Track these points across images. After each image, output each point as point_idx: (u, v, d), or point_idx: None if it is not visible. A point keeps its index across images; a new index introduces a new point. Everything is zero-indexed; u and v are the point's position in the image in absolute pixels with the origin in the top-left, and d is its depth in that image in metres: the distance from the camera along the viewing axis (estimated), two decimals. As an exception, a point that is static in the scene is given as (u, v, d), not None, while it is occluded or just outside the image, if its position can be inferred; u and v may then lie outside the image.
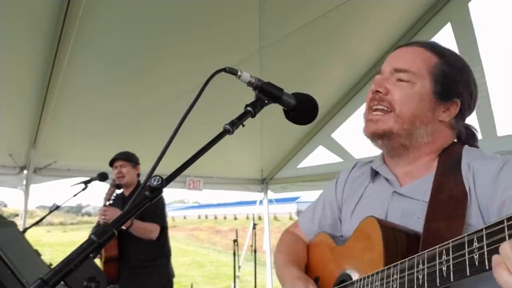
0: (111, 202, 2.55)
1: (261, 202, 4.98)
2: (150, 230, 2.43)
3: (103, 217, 2.35)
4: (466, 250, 0.53)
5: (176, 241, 20.23)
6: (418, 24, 2.86)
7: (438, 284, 0.56)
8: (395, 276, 0.65)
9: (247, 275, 7.08)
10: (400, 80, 0.83)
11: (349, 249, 0.85)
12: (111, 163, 2.67)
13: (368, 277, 0.72)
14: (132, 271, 2.46)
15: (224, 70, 0.74)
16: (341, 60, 3.23)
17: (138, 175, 2.69)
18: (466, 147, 0.84)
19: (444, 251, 0.56)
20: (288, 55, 2.92)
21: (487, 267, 0.49)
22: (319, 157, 4.10)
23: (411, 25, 2.90)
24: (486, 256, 0.49)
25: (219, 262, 13.71)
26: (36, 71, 2.41)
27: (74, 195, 2.26)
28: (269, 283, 4.89)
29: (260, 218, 5.94)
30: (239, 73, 0.76)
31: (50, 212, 2.32)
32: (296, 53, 2.92)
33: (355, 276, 0.79)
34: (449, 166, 0.79)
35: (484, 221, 0.70)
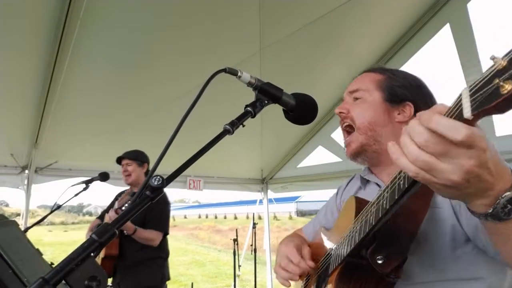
0: (123, 208, 2.57)
1: (261, 201, 4.98)
2: (152, 239, 2.45)
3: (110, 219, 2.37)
4: (396, 180, 0.60)
5: (177, 240, 20.26)
6: (417, 25, 2.86)
7: (380, 216, 0.64)
8: (356, 227, 0.75)
9: (247, 274, 7.10)
10: (355, 98, 0.99)
11: (333, 229, 0.99)
12: (118, 162, 2.69)
13: (341, 240, 0.82)
14: (127, 268, 2.48)
15: (224, 70, 0.75)
16: (341, 60, 3.23)
17: (147, 173, 2.69)
18: None
19: (384, 189, 0.65)
20: (288, 56, 2.92)
21: (407, 185, 0.56)
22: (318, 157, 4.11)
23: (410, 26, 2.90)
24: (406, 178, 0.56)
25: (219, 261, 13.72)
26: (37, 71, 2.42)
27: (75, 195, 2.26)
28: (269, 282, 4.89)
29: (260, 218, 5.95)
30: (239, 74, 0.76)
31: (52, 211, 2.33)
32: (296, 54, 2.92)
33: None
34: None
35: (454, 210, 0.77)
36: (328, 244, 0.96)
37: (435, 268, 0.77)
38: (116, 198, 2.82)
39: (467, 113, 0.42)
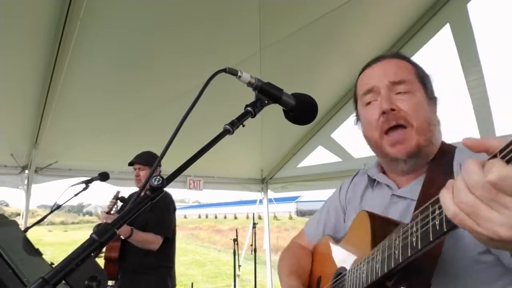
0: (112, 212, 2.56)
1: (261, 201, 4.98)
2: (151, 242, 2.35)
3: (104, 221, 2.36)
4: (430, 217, 0.53)
5: (177, 240, 20.15)
6: (417, 25, 2.86)
7: (409, 255, 0.57)
8: (378, 256, 0.67)
9: (247, 274, 7.09)
10: (399, 93, 0.84)
11: (345, 245, 0.90)
12: (130, 165, 2.66)
13: (358, 264, 0.75)
14: (130, 275, 2.42)
15: (224, 70, 0.75)
16: (341, 61, 3.23)
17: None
18: (459, 147, 0.84)
19: (414, 223, 0.57)
20: (288, 56, 2.92)
21: (445, 229, 0.48)
22: (318, 157, 4.11)
23: (410, 25, 2.90)
24: (444, 219, 0.48)
25: (219, 261, 13.72)
26: (37, 71, 2.42)
27: (75, 195, 2.26)
28: (269, 282, 4.89)
29: (260, 218, 5.95)
30: (239, 74, 0.76)
31: (52, 211, 2.32)
32: (296, 54, 2.92)
33: (349, 267, 0.82)
34: (441, 166, 0.81)
35: None
36: (339, 261, 0.89)
37: (457, 284, 0.72)
38: (127, 200, 2.77)
39: None
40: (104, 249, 2.38)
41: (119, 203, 2.66)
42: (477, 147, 0.44)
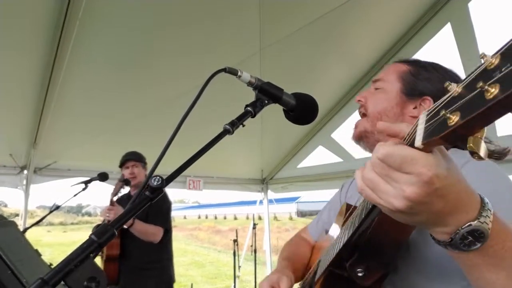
0: (118, 197, 2.53)
1: (261, 202, 4.98)
2: (152, 233, 2.38)
3: (107, 215, 2.32)
4: None
5: (176, 241, 20.14)
6: (418, 24, 2.86)
7: (357, 224, 0.63)
8: (340, 235, 0.74)
9: (247, 275, 7.08)
10: (376, 88, 0.98)
11: (329, 233, 0.98)
12: (122, 164, 2.64)
13: (328, 249, 0.82)
14: (133, 272, 2.42)
15: (224, 70, 0.75)
16: (341, 60, 3.23)
17: (146, 175, 2.68)
18: (453, 149, 0.87)
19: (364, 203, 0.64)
20: (288, 55, 2.92)
21: (369, 206, 0.57)
22: (319, 157, 4.10)
23: (411, 25, 2.90)
24: None
25: (219, 262, 13.71)
26: (36, 71, 2.41)
27: (74, 195, 2.26)
28: (269, 283, 4.88)
29: (260, 218, 5.94)
30: (239, 73, 0.76)
31: (50, 212, 2.32)
32: (296, 53, 2.92)
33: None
34: None
35: None
36: (323, 248, 0.96)
37: (425, 276, 0.74)
38: (120, 198, 2.79)
39: (418, 141, 0.42)
40: (104, 250, 2.38)
41: (125, 188, 2.65)
42: (388, 131, 0.50)
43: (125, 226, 2.28)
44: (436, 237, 0.49)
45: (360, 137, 0.96)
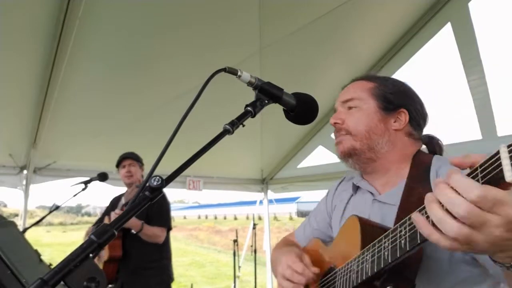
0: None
1: (261, 202, 4.98)
2: (158, 235, 2.42)
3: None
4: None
5: (176, 241, 20.23)
6: (418, 24, 2.86)
7: (398, 256, 0.64)
8: (367, 257, 0.74)
9: (247, 275, 7.08)
10: (350, 108, 0.99)
11: (335, 246, 0.96)
12: (119, 163, 2.64)
13: (348, 264, 0.82)
14: (133, 272, 2.42)
15: (224, 70, 0.74)
16: (341, 60, 3.23)
17: (142, 176, 2.68)
18: (436, 156, 0.94)
19: (403, 228, 0.64)
20: (288, 55, 2.92)
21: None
22: (319, 157, 4.10)
23: (411, 25, 2.90)
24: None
25: (219, 262, 13.71)
26: (36, 71, 2.41)
27: (74, 195, 2.26)
28: (269, 283, 4.89)
29: (260, 218, 5.94)
30: (239, 73, 0.76)
31: (50, 212, 2.32)
32: (296, 53, 2.92)
33: (339, 266, 0.87)
34: (419, 174, 0.89)
35: None
36: (329, 260, 0.95)
37: (439, 282, 0.77)
38: (112, 203, 2.79)
39: (509, 177, 0.41)
40: (105, 250, 2.38)
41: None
42: (464, 165, 0.50)
43: (133, 231, 2.30)
44: (498, 260, 0.51)
45: (350, 154, 0.96)
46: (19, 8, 1.95)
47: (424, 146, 1.01)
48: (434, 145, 1.02)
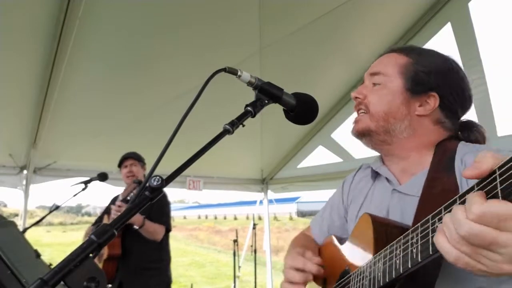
0: (128, 199, 2.48)
1: (261, 202, 4.98)
2: (159, 232, 2.43)
3: (118, 213, 2.30)
4: (430, 229, 0.55)
5: (176, 241, 20.22)
6: (418, 24, 2.85)
7: (409, 266, 0.58)
8: (379, 264, 0.69)
9: (247, 275, 7.08)
10: (374, 84, 0.91)
11: (349, 246, 0.89)
12: (121, 162, 2.64)
13: (360, 269, 0.77)
14: (133, 272, 2.42)
15: (224, 70, 0.74)
16: (341, 60, 3.23)
17: (144, 175, 2.68)
18: (462, 143, 0.84)
19: (415, 234, 0.59)
20: (288, 55, 2.92)
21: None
22: (319, 157, 4.10)
23: (411, 25, 2.90)
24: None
25: (219, 262, 13.71)
26: (36, 71, 2.41)
27: (74, 195, 2.26)
28: (269, 283, 4.89)
29: (260, 218, 5.94)
30: (239, 73, 0.76)
31: (50, 212, 2.32)
32: (296, 53, 2.92)
33: (352, 271, 0.82)
34: (442, 162, 0.81)
35: None
36: (343, 262, 0.89)
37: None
38: (111, 203, 2.79)
39: None
40: (105, 248, 2.38)
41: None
42: (479, 175, 0.46)
43: (135, 227, 2.29)
44: None
45: (363, 134, 0.90)
46: (19, 8, 1.95)
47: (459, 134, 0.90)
48: (472, 132, 0.90)
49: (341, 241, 0.96)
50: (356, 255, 0.83)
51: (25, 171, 3.37)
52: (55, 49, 2.19)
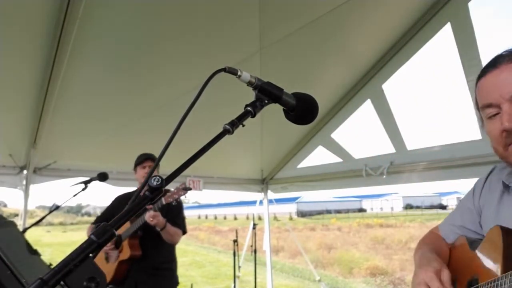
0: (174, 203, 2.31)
1: (261, 202, 4.98)
2: (178, 235, 2.48)
3: (151, 219, 2.23)
4: None
5: (176, 241, 20.17)
6: (418, 24, 2.85)
7: None
8: (505, 286, 0.68)
9: (247, 275, 7.08)
10: None
11: (479, 255, 0.88)
12: (140, 162, 2.61)
13: (488, 283, 0.75)
14: (148, 272, 2.44)
15: (224, 70, 0.74)
16: (341, 60, 3.23)
17: None
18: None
19: None
20: (288, 55, 2.92)
21: None
22: (318, 157, 4.11)
23: (411, 25, 2.89)
24: None
25: (219, 262, 13.71)
26: (36, 71, 2.41)
27: (74, 195, 2.25)
28: (269, 283, 4.88)
29: (260, 218, 5.94)
30: (239, 73, 0.76)
31: (50, 212, 2.32)
32: (296, 53, 2.92)
33: (480, 282, 0.82)
34: None
35: None
36: (471, 270, 0.88)
37: None
38: (118, 201, 2.77)
39: None
40: (125, 249, 2.37)
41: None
42: None
43: (158, 229, 2.28)
44: None
45: None
46: (19, 9, 1.94)
47: None
48: None
49: (472, 244, 0.94)
50: (485, 265, 0.82)
51: (25, 171, 3.37)
52: (55, 49, 2.19)
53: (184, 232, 2.57)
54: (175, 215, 2.49)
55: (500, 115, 0.81)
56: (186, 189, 2.20)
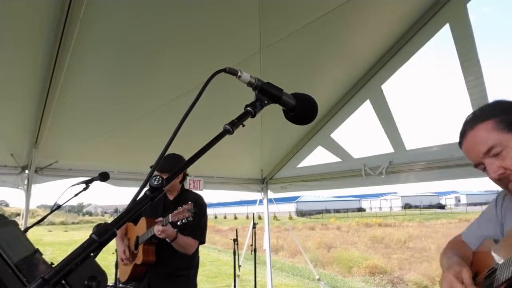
0: (179, 223, 2.20)
1: (261, 201, 4.98)
2: (191, 246, 2.39)
3: (160, 234, 2.18)
4: None
5: (176, 240, 20.15)
6: (417, 25, 2.86)
7: None
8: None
9: (247, 274, 7.08)
10: (495, 154, 0.96)
11: (502, 245, 0.99)
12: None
13: (506, 262, 0.86)
14: (163, 278, 2.41)
15: (224, 70, 0.75)
16: (341, 61, 3.23)
17: (182, 180, 2.52)
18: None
19: None
20: (288, 56, 2.92)
21: None
22: (318, 157, 4.11)
23: (410, 26, 2.90)
24: None
25: (219, 261, 13.71)
26: (37, 71, 2.41)
27: (75, 195, 2.26)
28: (269, 282, 4.89)
29: (260, 218, 5.94)
30: (239, 74, 0.76)
31: (52, 211, 2.32)
32: (295, 54, 2.92)
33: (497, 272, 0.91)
34: None
35: None
36: (495, 259, 0.97)
37: None
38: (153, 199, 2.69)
39: None
40: (139, 254, 2.37)
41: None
42: None
43: (168, 240, 2.24)
44: None
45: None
46: (20, 9, 1.95)
47: None
48: None
49: (496, 242, 1.03)
50: (506, 251, 0.93)
51: (26, 171, 3.37)
52: (56, 49, 2.19)
53: (202, 242, 2.47)
54: (195, 223, 2.38)
55: (487, 169, 0.99)
56: (191, 210, 2.12)
